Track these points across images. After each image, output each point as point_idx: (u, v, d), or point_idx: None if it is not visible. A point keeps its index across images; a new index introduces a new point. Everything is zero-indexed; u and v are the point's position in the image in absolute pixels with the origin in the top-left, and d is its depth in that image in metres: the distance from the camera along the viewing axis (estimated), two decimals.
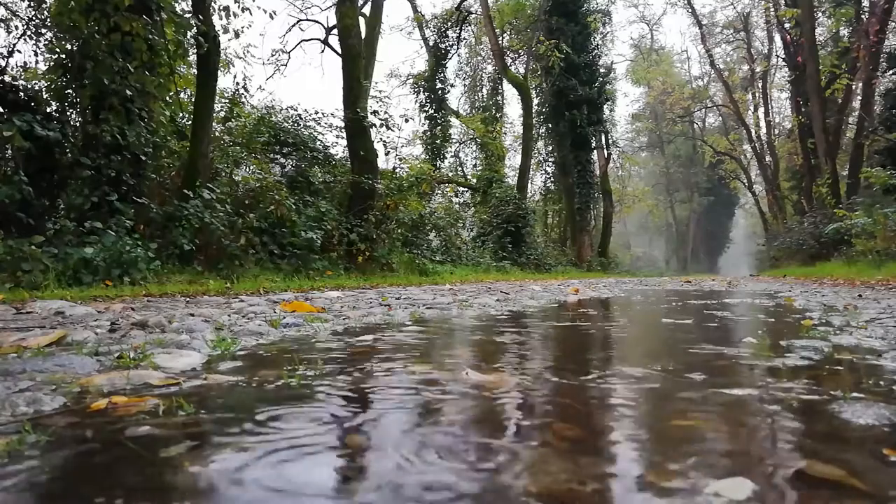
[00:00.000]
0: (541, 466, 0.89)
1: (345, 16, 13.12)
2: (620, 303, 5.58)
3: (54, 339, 2.11)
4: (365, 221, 11.79)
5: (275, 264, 9.55)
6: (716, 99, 42.43)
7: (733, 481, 0.80)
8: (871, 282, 8.82)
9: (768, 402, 1.28)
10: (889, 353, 1.92)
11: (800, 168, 28.17)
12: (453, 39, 28.13)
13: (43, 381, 1.45)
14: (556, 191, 29.96)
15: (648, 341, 2.70)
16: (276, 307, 4.05)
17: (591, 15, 27.40)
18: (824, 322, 3.04)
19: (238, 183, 10.62)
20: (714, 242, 57.97)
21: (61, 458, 0.93)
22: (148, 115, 8.21)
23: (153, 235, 7.86)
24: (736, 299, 5.65)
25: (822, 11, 24.54)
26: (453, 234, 18.80)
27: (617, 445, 1.01)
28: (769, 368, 1.73)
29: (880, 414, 1.14)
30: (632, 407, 1.27)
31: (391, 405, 1.29)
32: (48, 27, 8.37)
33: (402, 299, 5.31)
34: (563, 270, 22.67)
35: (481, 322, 3.35)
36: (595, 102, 27.14)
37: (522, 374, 1.67)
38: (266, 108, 14.30)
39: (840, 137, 23.64)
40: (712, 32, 36.72)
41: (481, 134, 26.18)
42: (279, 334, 2.55)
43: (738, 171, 42.01)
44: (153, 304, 4.54)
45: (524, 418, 1.19)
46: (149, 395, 1.33)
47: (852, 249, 14.57)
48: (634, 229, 64.37)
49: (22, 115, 6.88)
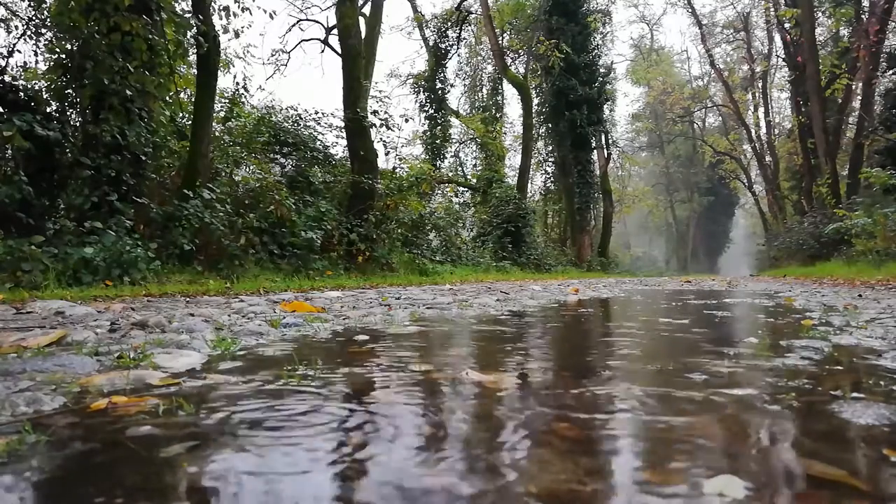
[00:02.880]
0: (540, 466, 0.89)
1: (345, 16, 13.12)
2: (620, 303, 5.58)
3: (54, 339, 2.11)
4: (365, 221, 11.79)
5: (275, 264, 9.55)
6: (716, 99, 42.44)
7: (733, 481, 0.80)
8: (871, 282, 8.82)
9: (768, 402, 1.28)
10: (889, 353, 1.92)
11: (800, 168, 28.18)
12: (453, 39, 28.15)
13: (43, 381, 1.45)
14: (556, 191, 29.97)
15: (648, 341, 2.70)
16: (276, 307, 4.05)
17: (591, 15, 27.41)
18: (824, 322, 3.04)
19: (238, 183, 10.62)
20: (714, 242, 57.96)
21: (61, 459, 0.93)
22: (148, 115, 8.21)
23: (153, 235, 7.86)
24: (736, 299, 5.65)
25: (822, 11, 24.53)
26: (453, 234, 18.80)
27: (617, 445, 1.01)
28: (769, 368, 1.73)
29: (880, 414, 1.14)
30: (631, 407, 1.27)
31: (391, 405, 1.29)
32: (48, 27, 8.36)
33: (402, 299, 5.31)
34: (562, 270, 22.67)
35: (481, 322, 3.35)
36: (595, 102, 27.16)
37: (522, 373, 1.67)
38: (266, 108, 14.31)
39: (840, 137, 23.64)
40: (712, 32, 36.74)
41: (481, 134, 26.20)
42: (279, 334, 2.55)
43: (738, 171, 42.03)
44: (153, 304, 4.54)
45: (524, 418, 1.19)
46: (149, 395, 1.33)
47: (852, 249, 14.57)
48: (634, 229, 64.38)
49: (22, 115, 6.88)
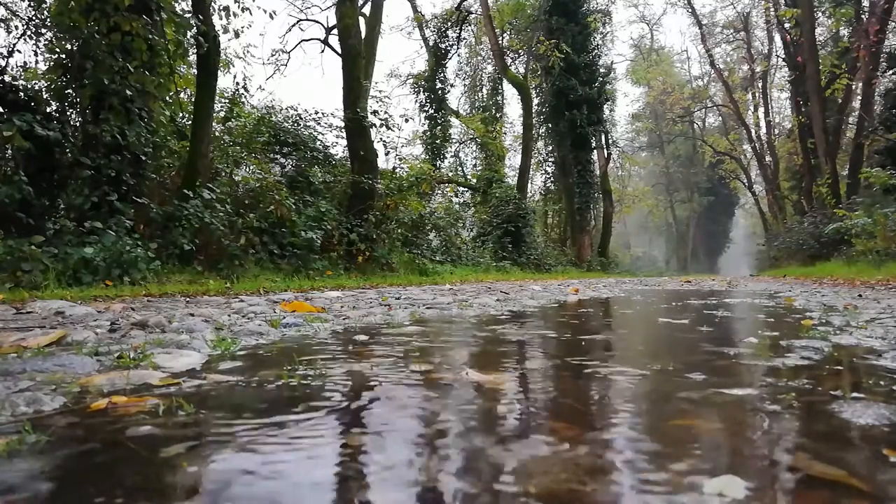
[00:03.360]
0: (540, 465, 0.89)
1: (345, 16, 13.12)
2: (620, 303, 5.58)
3: (54, 339, 2.11)
4: (365, 221, 11.79)
5: (275, 264, 9.55)
6: (716, 99, 42.44)
7: (733, 480, 0.80)
8: (871, 282, 8.82)
9: (768, 402, 1.28)
10: (889, 353, 1.92)
11: (800, 168, 28.19)
12: (453, 39, 28.14)
13: (43, 381, 1.45)
14: (556, 191, 29.96)
15: (648, 341, 2.70)
16: (276, 307, 4.05)
17: (591, 15, 27.41)
18: (824, 322, 3.04)
19: (238, 183, 10.61)
20: (714, 242, 57.98)
21: (61, 458, 0.93)
22: (148, 115, 8.21)
23: (153, 235, 7.86)
24: (736, 299, 5.65)
25: (822, 11, 24.54)
26: (453, 234, 18.80)
27: (617, 445, 1.00)
28: (769, 368, 1.73)
29: (880, 414, 1.14)
30: (631, 407, 1.27)
31: (391, 405, 1.29)
32: (48, 27, 8.36)
33: (402, 299, 5.31)
34: (562, 270, 22.66)
35: (481, 322, 3.35)
36: (595, 102, 27.16)
37: (522, 373, 1.67)
38: (266, 108, 14.31)
39: (840, 137, 23.65)
40: (712, 32, 36.75)
41: (481, 134, 26.20)
42: (279, 334, 2.55)
43: (738, 171, 42.03)
44: (153, 304, 4.54)
45: (524, 417, 1.19)
46: (149, 395, 1.33)
47: (852, 249, 14.57)
48: (634, 229, 64.37)
49: (22, 115, 6.88)
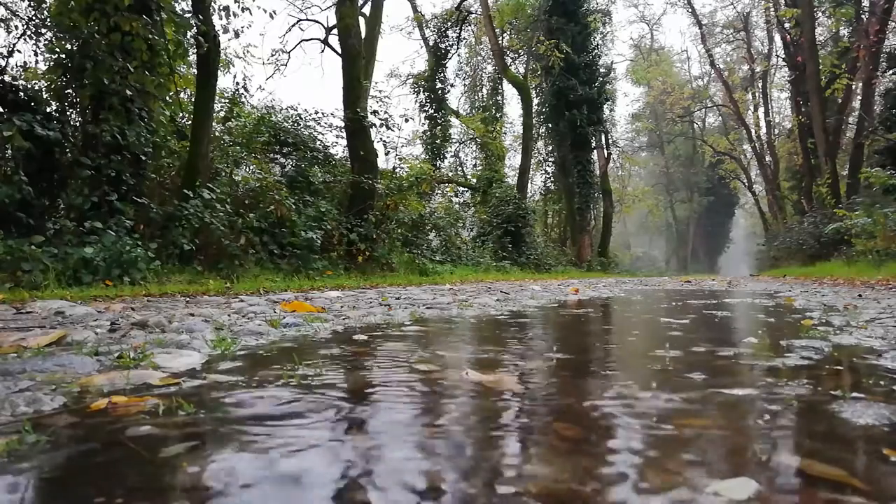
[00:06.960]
0: (540, 465, 0.89)
1: (345, 16, 13.12)
2: (621, 303, 5.58)
3: (54, 338, 2.11)
4: (365, 221, 11.79)
5: (275, 264, 9.55)
6: (716, 99, 42.46)
7: (733, 481, 0.80)
8: (871, 282, 8.82)
9: (768, 402, 1.28)
10: (889, 353, 1.92)
11: (800, 168, 28.19)
12: (453, 39, 28.14)
13: (43, 381, 1.45)
14: (556, 191, 29.96)
15: (648, 341, 2.70)
16: (276, 307, 4.05)
17: (591, 15, 27.42)
18: (824, 322, 3.04)
19: (238, 183, 10.61)
20: (714, 242, 57.95)
21: (61, 458, 0.93)
22: (148, 115, 8.21)
23: (153, 235, 7.85)
24: (736, 299, 5.65)
25: (822, 11, 24.54)
26: (453, 234, 18.80)
27: (617, 445, 1.00)
28: (769, 368, 1.73)
29: (880, 414, 1.14)
30: (632, 407, 1.27)
31: (391, 405, 1.29)
32: (48, 27, 8.35)
33: (402, 299, 5.31)
34: (563, 270, 22.66)
35: (481, 322, 3.35)
36: (595, 102, 27.16)
37: (522, 373, 1.67)
38: (266, 107, 14.30)
39: (840, 137, 23.65)
40: (712, 32, 36.76)
41: (481, 134, 26.21)
42: (279, 334, 2.55)
43: (738, 171, 42.03)
44: (153, 304, 4.54)
45: (524, 417, 1.19)
46: (149, 395, 1.33)
47: (852, 249, 14.57)
48: (634, 229, 64.38)
49: (22, 115, 6.87)
